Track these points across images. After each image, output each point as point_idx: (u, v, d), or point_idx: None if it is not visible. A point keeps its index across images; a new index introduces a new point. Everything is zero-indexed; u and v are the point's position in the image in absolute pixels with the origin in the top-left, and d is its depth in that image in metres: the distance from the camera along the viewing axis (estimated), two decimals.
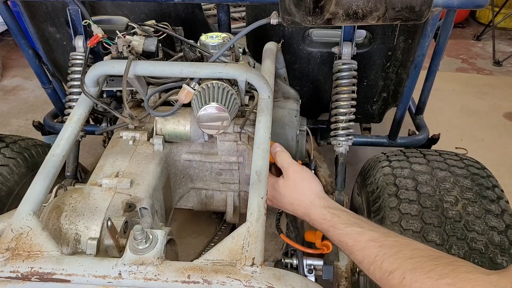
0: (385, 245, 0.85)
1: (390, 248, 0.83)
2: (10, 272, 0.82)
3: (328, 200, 1.05)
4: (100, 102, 1.20)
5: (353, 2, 0.95)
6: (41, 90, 1.79)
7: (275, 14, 1.13)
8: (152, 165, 1.19)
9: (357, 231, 0.92)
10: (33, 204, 0.93)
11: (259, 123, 1.10)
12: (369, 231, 0.90)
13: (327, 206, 1.02)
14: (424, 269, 0.75)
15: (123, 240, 0.93)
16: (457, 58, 3.86)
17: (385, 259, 0.82)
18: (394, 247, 0.83)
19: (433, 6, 1.04)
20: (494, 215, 1.13)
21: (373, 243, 0.87)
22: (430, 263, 0.76)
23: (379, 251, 0.84)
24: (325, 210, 1.01)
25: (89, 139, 2.01)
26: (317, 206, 1.03)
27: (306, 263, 1.21)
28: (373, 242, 0.87)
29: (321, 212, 1.01)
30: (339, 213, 0.99)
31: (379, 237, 0.88)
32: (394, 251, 0.82)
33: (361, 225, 0.93)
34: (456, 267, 0.73)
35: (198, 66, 1.13)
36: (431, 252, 0.81)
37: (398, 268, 0.79)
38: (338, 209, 1.00)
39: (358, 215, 0.99)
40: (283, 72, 1.50)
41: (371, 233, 0.89)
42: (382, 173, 1.32)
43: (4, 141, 1.48)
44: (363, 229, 0.91)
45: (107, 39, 1.29)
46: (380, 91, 1.76)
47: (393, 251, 0.82)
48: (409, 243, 0.84)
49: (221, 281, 0.79)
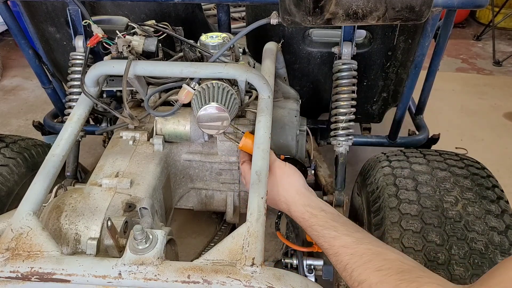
0: (356, 253, 0.86)
1: (361, 257, 0.85)
2: (10, 272, 0.82)
3: (309, 197, 1.03)
4: (100, 102, 1.20)
5: (353, 2, 0.95)
6: (41, 90, 1.79)
7: (275, 14, 1.13)
8: (152, 165, 1.19)
9: (331, 235, 0.92)
10: (33, 204, 0.93)
11: (259, 123, 1.10)
12: (343, 236, 0.90)
13: (307, 204, 1.00)
14: (389, 284, 0.76)
15: (123, 240, 0.93)
16: (457, 58, 3.86)
17: (355, 268, 0.83)
18: (364, 256, 0.84)
19: (433, 6, 1.04)
20: (494, 215, 1.13)
21: (345, 250, 0.88)
22: (396, 278, 0.77)
23: (350, 259, 0.85)
24: (304, 208, 1.00)
25: (89, 139, 2.01)
26: (297, 204, 1.02)
27: (306, 263, 1.21)
28: (345, 248, 0.88)
29: (300, 210, 1.00)
30: (317, 212, 0.98)
31: (352, 243, 0.88)
32: (364, 261, 0.83)
33: (337, 229, 0.93)
34: (420, 284, 0.73)
35: (198, 66, 1.13)
36: (400, 264, 0.81)
37: (365, 280, 0.80)
38: (316, 208, 0.99)
39: (336, 215, 0.98)
40: (283, 72, 1.50)
41: (345, 239, 0.90)
42: (382, 173, 1.32)
43: (4, 141, 1.48)
44: (337, 233, 0.92)
45: (107, 39, 1.29)
46: (380, 91, 1.76)
47: (363, 261, 0.83)
48: (380, 252, 0.85)
49: (221, 281, 0.79)
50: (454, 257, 1.04)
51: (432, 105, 2.13)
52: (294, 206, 1.02)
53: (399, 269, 0.79)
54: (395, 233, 1.12)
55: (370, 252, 0.85)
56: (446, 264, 1.03)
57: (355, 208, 1.55)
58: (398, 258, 0.83)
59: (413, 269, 0.80)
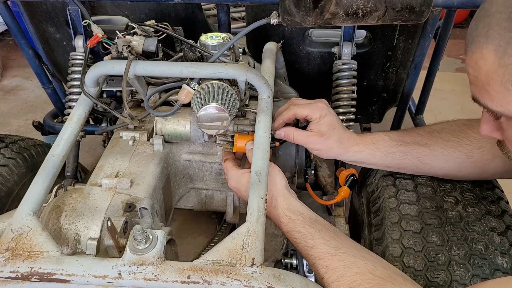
0: (330, 267, 0.88)
1: (334, 271, 0.87)
2: (10, 272, 0.82)
3: (289, 199, 1.02)
4: (100, 102, 1.20)
5: (353, 2, 0.95)
6: (41, 90, 1.79)
7: (275, 14, 1.12)
8: (152, 165, 1.19)
9: (309, 244, 0.93)
10: (33, 204, 0.93)
11: (259, 123, 1.11)
12: (319, 246, 0.92)
13: (286, 208, 1.00)
14: None
15: (123, 240, 0.93)
16: (457, 58, 3.86)
17: (330, 283, 0.87)
18: (337, 270, 0.87)
19: (433, 6, 1.03)
20: (494, 215, 1.13)
21: (321, 262, 0.90)
22: None
23: (325, 274, 0.88)
24: (282, 212, 1.00)
25: (89, 139, 2.01)
26: (277, 207, 1.01)
27: (306, 263, 1.21)
28: (320, 260, 0.90)
29: (279, 214, 1.00)
30: (295, 217, 0.98)
31: (326, 255, 0.90)
32: (336, 277, 0.86)
33: (313, 236, 0.93)
34: None
35: (198, 66, 1.13)
36: (372, 277, 0.84)
37: None
38: (295, 212, 0.99)
39: (314, 220, 0.98)
40: (283, 72, 1.50)
41: (321, 249, 0.91)
42: (381, 173, 1.32)
43: (4, 141, 1.48)
44: (313, 242, 0.93)
45: (107, 39, 1.29)
46: (380, 91, 1.76)
47: (335, 276, 0.86)
48: (353, 264, 0.87)
49: (221, 281, 0.79)
50: (454, 258, 1.04)
51: (432, 105, 2.13)
52: (274, 209, 1.02)
53: (369, 285, 0.82)
54: (395, 234, 1.12)
55: (343, 265, 0.87)
56: (446, 264, 1.03)
57: (355, 209, 1.55)
58: (369, 270, 0.85)
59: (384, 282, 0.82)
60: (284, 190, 1.04)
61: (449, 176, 1.18)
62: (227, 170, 1.14)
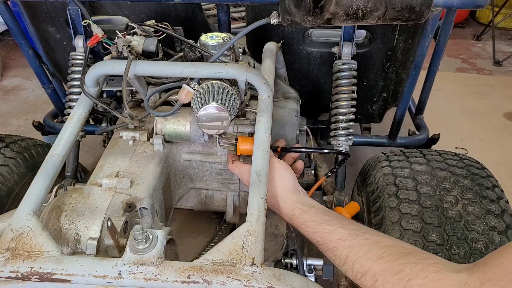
0: (355, 245, 0.85)
1: (360, 248, 0.84)
2: (10, 272, 0.82)
3: (299, 194, 1.02)
4: (100, 102, 1.20)
5: (353, 2, 0.95)
6: (41, 90, 1.79)
7: (275, 14, 1.12)
8: (152, 165, 1.19)
9: (327, 230, 0.91)
10: (33, 204, 0.93)
11: (259, 123, 1.10)
12: (339, 229, 0.90)
13: (297, 201, 1.00)
14: (393, 270, 0.76)
15: (123, 240, 0.92)
16: (457, 58, 3.86)
17: (356, 260, 0.83)
18: (363, 246, 0.84)
19: (433, 6, 1.04)
20: (494, 215, 1.13)
21: (343, 243, 0.87)
22: (399, 262, 0.77)
23: (350, 252, 0.85)
24: (293, 205, 0.99)
25: (89, 139, 2.01)
26: (287, 200, 1.01)
27: (306, 263, 1.21)
28: (343, 241, 0.87)
29: (290, 207, 1.00)
30: (308, 209, 0.97)
31: (348, 235, 0.88)
32: (364, 252, 0.83)
33: (331, 223, 0.92)
34: (425, 265, 0.73)
35: (198, 66, 1.13)
36: (401, 248, 0.81)
37: (369, 270, 0.80)
38: (307, 205, 0.98)
39: (327, 210, 0.97)
40: (283, 72, 1.50)
41: (341, 232, 0.89)
42: (382, 173, 1.32)
43: (4, 141, 1.48)
44: (332, 227, 0.91)
45: (107, 39, 1.29)
46: (380, 91, 1.76)
47: (362, 252, 0.83)
48: (378, 241, 0.84)
49: (221, 281, 0.79)
50: (454, 257, 1.04)
51: (432, 105, 2.13)
52: (283, 202, 1.01)
53: (400, 254, 0.79)
54: (395, 233, 1.12)
55: (368, 242, 0.84)
56: None
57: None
58: (396, 243, 0.83)
59: (414, 252, 0.80)
60: (294, 187, 1.04)
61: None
62: (238, 168, 1.14)
